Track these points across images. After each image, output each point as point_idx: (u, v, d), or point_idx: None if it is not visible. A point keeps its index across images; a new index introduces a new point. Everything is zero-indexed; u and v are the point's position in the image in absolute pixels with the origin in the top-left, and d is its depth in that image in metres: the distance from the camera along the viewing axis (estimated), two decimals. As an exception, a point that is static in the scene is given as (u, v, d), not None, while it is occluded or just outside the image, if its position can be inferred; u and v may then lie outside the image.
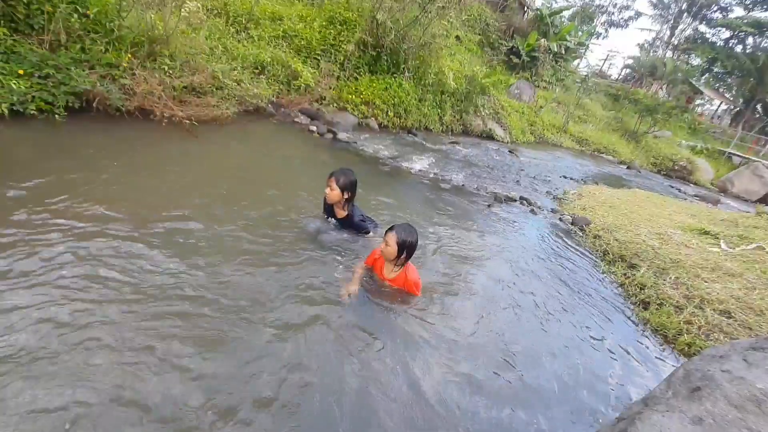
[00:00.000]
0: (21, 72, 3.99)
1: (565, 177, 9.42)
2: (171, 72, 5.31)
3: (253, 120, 6.34)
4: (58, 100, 4.16)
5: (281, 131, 6.42)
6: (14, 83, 3.87)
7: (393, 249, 2.69)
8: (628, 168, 14.74)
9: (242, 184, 4.09)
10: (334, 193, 3.23)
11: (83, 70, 4.41)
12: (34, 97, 4.01)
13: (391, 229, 2.72)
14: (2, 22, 4.08)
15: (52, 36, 4.33)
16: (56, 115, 4.13)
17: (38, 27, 4.30)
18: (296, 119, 7.10)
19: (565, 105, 16.83)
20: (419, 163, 6.94)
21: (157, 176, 3.75)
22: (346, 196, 3.26)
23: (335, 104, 8.06)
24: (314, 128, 6.89)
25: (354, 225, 3.42)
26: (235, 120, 5.87)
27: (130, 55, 4.88)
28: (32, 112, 3.98)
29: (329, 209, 3.48)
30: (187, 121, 5.04)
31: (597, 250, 5.15)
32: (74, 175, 3.30)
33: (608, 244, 5.25)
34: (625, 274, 4.58)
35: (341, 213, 3.41)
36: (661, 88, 27.78)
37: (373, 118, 8.43)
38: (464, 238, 4.33)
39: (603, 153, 15.90)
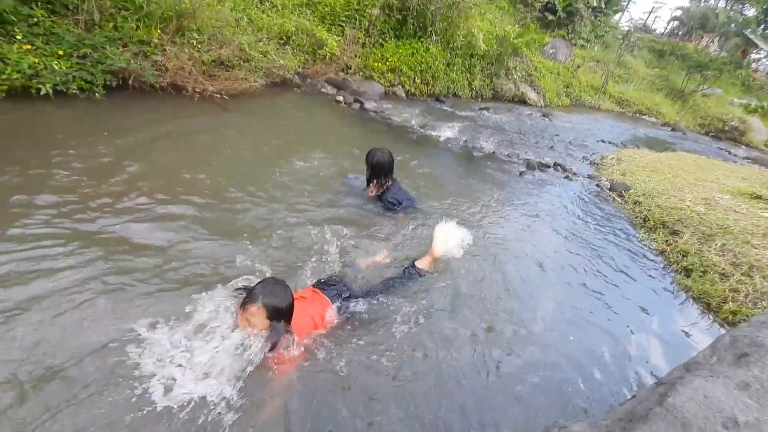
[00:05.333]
0: (61, 52, 4.14)
1: (602, 141, 8.97)
2: (199, 46, 5.35)
3: (280, 92, 6.34)
4: (96, 78, 4.31)
5: (309, 103, 6.40)
6: (56, 64, 4.03)
7: (258, 324, 1.81)
8: (672, 130, 13.82)
9: (275, 155, 4.17)
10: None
11: (117, 48, 4.51)
12: (74, 77, 4.17)
13: (248, 299, 1.81)
14: (39, 3, 4.21)
15: (86, 15, 4.43)
16: (96, 94, 4.29)
17: (72, 7, 4.41)
18: (323, 90, 7.04)
19: (605, 64, 15.74)
20: (448, 131, 6.77)
21: (194, 149, 3.89)
22: (374, 181, 3.50)
23: (361, 73, 7.91)
24: (341, 98, 6.83)
25: (384, 202, 3.55)
26: (263, 92, 5.90)
27: (159, 31, 4.93)
28: (74, 91, 4.15)
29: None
30: (218, 96, 5.12)
31: (637, 217, 4.94)
32: (116, 149, 3.46)
33: (649, 210, 5.02)
34: (666, 241, 4.40)
35: (373, 191, 3.59)
36: (712, 41, 25.35)
37: (399, 86, 8.23)
38: (496, 207, 4.26)
39: (645, 114, 14.93)
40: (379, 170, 3.46)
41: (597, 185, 5.77)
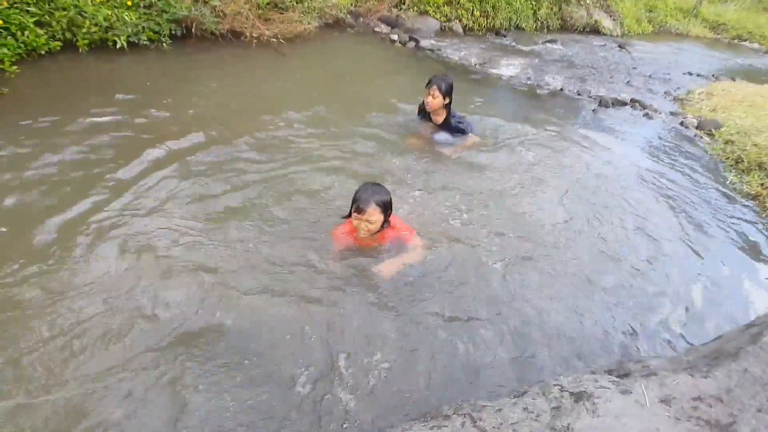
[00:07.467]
0: (129, 3, 4.29)
1: (689, 74, 7.88)
2: (254, -12, 5.29)
3: (334, 34, 6.19)
4: (162, 28, 4.47)
5: (362, 43, 6.21)
6: (126, 15, 4.20)
7: (377, 220, 2.03)
8: (778, 58, 11.78)
9: (334, 95, 4.20)
10: (436, 101, 3.28)
11: (178, -5, 4.59)
12: (143, 27, 4.34)
13: (362, 205, 1.97)
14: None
15: (147, -38, 4.50)
16: (163, 44, 4.46)
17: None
18: (376, 29, 6.76)
19: (699, -20, 13.44)
20: (511, 68, 6.30)
21: (256, 93, 4.04)
22: (447, 101, 3.32)
23: (415, 8, 7.43)
24: (395, 37, 6.53)
25: (452, 128, 3.48)
26: (317, 35, 5.79)
27: (215, -26, 4.92)
28: (144, 42, 4.34)
29: (426, 115, 3.55)
30: (274, 40, 5.12)
31: (728, 157, 4.42)
32: (190, 95, 3.67)
33: (744, 149, 4.45)
34: (762, 184, 3.92)
35: (439, 119, 3.47)
36: None
37: (456, 21, 7.68)
38: (565, 149, 3.97)
39: (746, 40, 12.79)
40: (452, 93, 3.34)
41: (681, 123, 5.17)
